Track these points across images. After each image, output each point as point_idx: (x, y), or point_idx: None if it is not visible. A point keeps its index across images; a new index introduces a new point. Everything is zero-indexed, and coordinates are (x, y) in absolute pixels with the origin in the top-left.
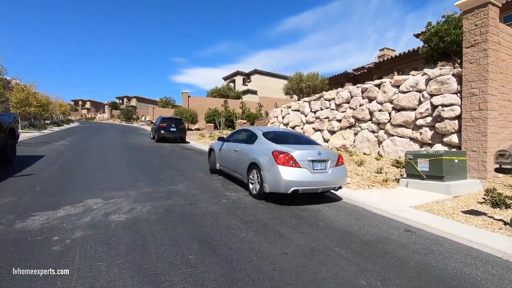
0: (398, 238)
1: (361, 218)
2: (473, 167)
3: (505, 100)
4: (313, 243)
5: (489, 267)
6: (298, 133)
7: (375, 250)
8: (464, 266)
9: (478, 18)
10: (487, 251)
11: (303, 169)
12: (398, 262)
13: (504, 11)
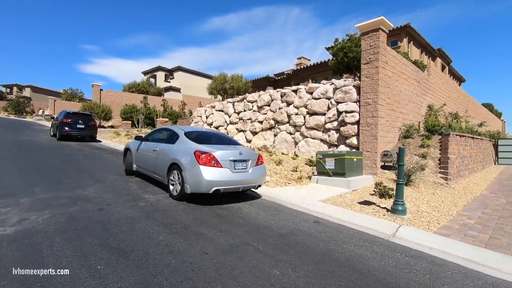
0: (308, 229)
1: (277, 214)
2: (368, 164)
3: (390, 110)
4: (233, 240)
5: (375, 246)
6: (221, 133)
7: (288, 242)
8: (357, 248)
9: (372, 40)
10: (374, 234)
11: (224, 169)
12: (307, 250)
13: (390, 36)
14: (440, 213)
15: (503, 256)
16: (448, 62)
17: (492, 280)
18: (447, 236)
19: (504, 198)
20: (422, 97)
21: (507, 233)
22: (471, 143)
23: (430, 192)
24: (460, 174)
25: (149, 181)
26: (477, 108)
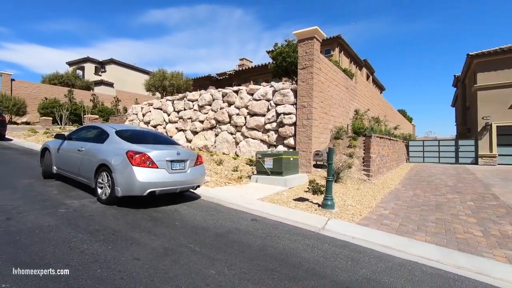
0: (245, 227)
1: (216, 214)
2: (303, 163)
3: (323, 113)
4: (168, 244)
5: (307, 240)
6: (158, 132)
7: (226, 241)
8: (290, 242)
9: (308, 47)
10: (307, 228)
11: (160, 170)
12: (243, 248)
13: (324, 45)
14: (363, 206)
15: (409, 240)
16: (372, 72)
17: (399, 261)
18: (367, 226)
19: (412, 191)
20: (350, 102)
21: (413, 220)
22: (389, 144)
23: (355, 188)
24: (379, 171)
25: (73, 185)
26: (394, 113)
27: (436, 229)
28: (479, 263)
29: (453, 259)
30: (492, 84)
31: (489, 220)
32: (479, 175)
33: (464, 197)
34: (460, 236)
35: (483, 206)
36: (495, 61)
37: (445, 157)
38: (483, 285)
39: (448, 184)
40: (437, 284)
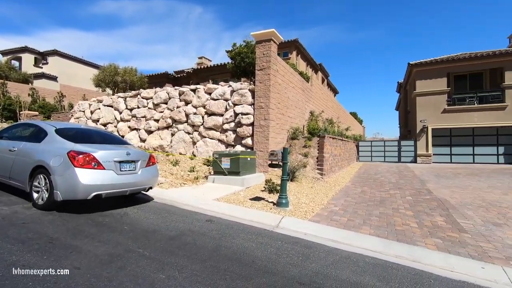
0: (199, 229)
1: (169, 216)
2: (260, 163)
3: (280, 114)
4: (114, 250)
5: (260, 238)
6: (106, 131)
7: (178, 244)
8: (245, 241)
9: (265, 49)
10: (261, 226)
11: (108, 171)
12: (196, 250)
13: (283, 48)
14: (315, 203)
15: (355, 234)
16: (327, 76)
17: (346, 254)
18: (318, 222)
19: (360, 188)
20: (306, 104)
21: (359, 215)
22: (341, 144)
23: (309, 186)
24: (332, 170)
25: (4, 190)
26: (346, 115)
27: (379, 223)
28: (414, 251)
29: (393, 249)
30: (428, 91)
31: (423, 212)
32: (417, 172)
33: (404, 193)
34: (399, 228)
35: (419, 200)
36: (431, 70)
37: (389, 156)
38: (416, 271)
39: (391, 181)
40: (377, 273)
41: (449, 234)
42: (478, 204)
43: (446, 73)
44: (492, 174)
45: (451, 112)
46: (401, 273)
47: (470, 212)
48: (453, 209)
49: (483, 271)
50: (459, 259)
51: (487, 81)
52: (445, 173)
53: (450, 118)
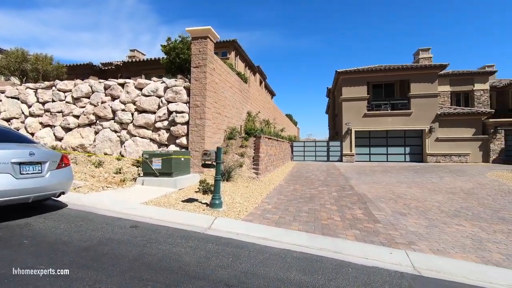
0: (121, 236)
1: (85, 224)
2: (195, 163)
3: (217, 113)
4: (5, 270)
5: (190, 242)
6: (4, 127)
7: (93, 255)
8: (173, 247)
9: (201, 46)
10: (193, 229)
11: (3, 175)
12: (115, 260)
13: (221, 47)
14: (249, 203)
15: (285, 231)
16: (264, 78)
17: (275, 251)
18: (251, 221)
19: (292, 186)
20: (243, 105)
21: (290, 212)
22: (276, 144)
23: (245, 186)
24: (267, 169)
25: None
26: (282, 117)
27: (308, 218)
28: (336, 243)
29: (318, 243)
30: (352, 97)
31: (346, 206)
32: (342, 170)
33: (330, 189)
34: (324, 222)
35: (343, 195)
36: (354, 78)
37: (320, 156)
38: (337, 262)
39: (320, 179)
40: (303, 266)
41: (366, 225)
42: (389, 197)
43: (366, 81)
44: (400, 171)
45: (370, 116)
46: (324, 265)
47: (383, 204)
48: (370, 202)
49: (390, 256)
50: (373, 247)
51: (397, 91)
52: (364, 170)
53: (370, 122)
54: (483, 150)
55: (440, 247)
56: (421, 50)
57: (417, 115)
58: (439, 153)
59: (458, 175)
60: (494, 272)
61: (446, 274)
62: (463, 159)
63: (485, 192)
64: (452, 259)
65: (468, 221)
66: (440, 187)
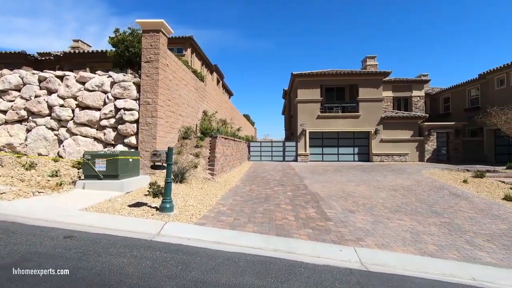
0: (51, 249)
1: (6, 237)
2: (146, 164)
3: (171, 111)
4: None
5: (135, 251)
6: None
7: (8, 276)
8: (114, 258)
9: (153, 40)
10: (139, 236)
11: None
12: (39, 279)
13: (177, 43)
14: (203, 205)
15: (239, 233)
16: (222, 77)
17: (229, 255)
18: (204, 224)
19: (248, 186)
20: (199, 104)
21: (245, 213)
22: (233, 144)
23: (199, 187)
24: (223, 170)
25: None
26: (240, 117)
27: (263, 219)
28: (290, 243)
29: (272, 244)
30: (307, 99)
31: (300, 206)
32: (297, 170)
33: (285, 189)
34: (279, 222)
35: (297, 194)
36: (309, 81)
37: (276, 156)
38: (290, 263)
39: (276, 179)
40: (257, 270)
41: (318, 223)
42: (340, 195)
43: (320, 84)
44: (350, 170)
45: (323, 118)
46: (277, 267)
47: (334, 202)
48: (322, 201)
49: (340, 253)
50: (324, 246)
51: (347, 94)
52: (318, 170)
53: (323, 123)
54: (419, 150)
55: (384, 241)
56: (368, 57)
57: (364, 118)
58: (383, 153)
59: (398, 174)
60: (429, 262)
61: (389, 267)
62: (403, 159)
63: (421, 189)
64: (395, 252)
65: (408, 216)
66: (384, 185)
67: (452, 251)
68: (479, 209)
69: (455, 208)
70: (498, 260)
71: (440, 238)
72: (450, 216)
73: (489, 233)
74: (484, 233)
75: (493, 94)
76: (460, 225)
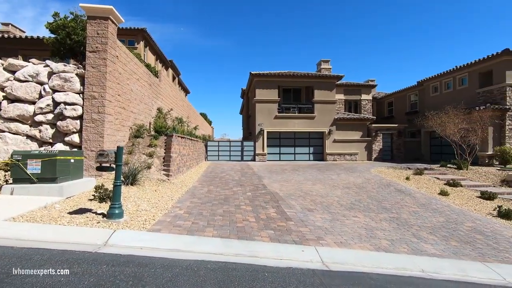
0: None
1: None
2: (91, 165)
3: (121, 108)
4: None
5: (76, 266)
6: None
7: None
8: (46, 278)
9: (100, 28)
10: (82, 249)
11: None
12: None
13: (128, 35)
14: (158, 209)
15: (198, 238)
16: (178, 74)
17: (187, 264)
18: (159, 231)
19: (206, 187)
20: (153, 100)
21: (204, 216)
22: (190, 143)
23: (153, 189)
24: (180, 170)
25: None
26: (196, 115)
27: (223, 222)
28: (251, 246)
29: (234, 248)
30: (265, 99)
31: (260, 206)
32: (256, 169)
33: (245, 189)
34: (240, 224)
35: (257, 195)
36: (267, 81)
37: (234, 155)
38: (253, 268)
39: (234, 179)
40: (218, 278)
41: (279, 224)
42: (298, 194)
43: (278, 85)
44: (306, 169)
45: (281, 118)
46: (240, 273)
47: (293, 201)
48: (282, 201)
49: (302, 254)
50: (286, 247)
51: (304, 96)
52: (276, 169)
53: (280, 123)
54: (367, 150)
55: (343, 239)
56: (323, 61)
57: (319, 119)
58: (336, 153)
59: (350, 172)
60: (383, 257)
61: (349, 265)
62: (354, 158)
63: (371, 186)
64: (353, 250)
65: (361, 212)
66: (338, 183)
67: (402, 245)
68: (420, 204)
69: (401, 203)
70: (441, 251)
71: (391, 233)
72: (397, 211)
73: (431, 226)
74: (427, 226)
75: (429, 99)
76: (407, 220)
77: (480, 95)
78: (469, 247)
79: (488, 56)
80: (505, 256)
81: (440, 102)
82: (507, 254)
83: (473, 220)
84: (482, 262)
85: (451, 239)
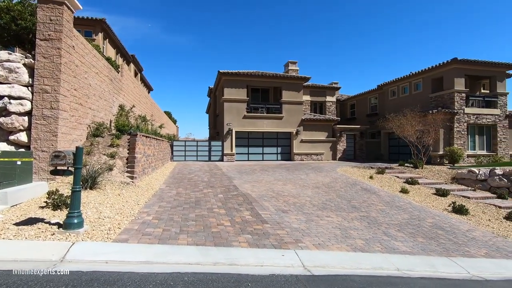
0: None
1: None
2: (42, 168)
3: (77, 104)
4: None
5: None
6: None
7: None
8: None
9: (54, 14)
10: (33, 267)
11: None
12: None
13: (85, 25)
14: (123, 216)
15: (171, 247)
16: (140, 70)
17: (161, 278)
18: (126, 241)
19: (175, 190)
20: (114, 96)
21: (176, 222)
22: (155, 143)
23: (116, 194)
24: (144, 172)
25: None
26: (161, 114)
27: (196, 228)
28: (230, 253)
29: (211, 257)
30: (234, 98)
31: (234, 209)
32: (225, 170)
33: (216, 191)
34: (215, 229)
35: (229, 196)
36: (236, 80)
37: (201, 155)
38: (234, 278)
39: (204, 180)
40: None
41: (256, 227)
42: (270, 195)
43: (246, 85)
44: (275, 169)
45: (249, 118)
46: (221, 285)
47: (266, 203)
48: (255, 202)
49: (283, 259)
50: (266, 252)
51: (272, 96)
52: (245, 169)
53: (249, 123)
54: (332, 150)
55: (320, 241)
56: (291, 62)
57: (287, 119)
58: (303, 153)
59: (318, 172)
60: (361, 258)
61: (330, 268)
62: (320, 157)
63: (339, 185)
64: (331, 251)
65: (334, 212)
66: (307, 183)
67: (376, 244)
68: (385, 202)
69: (368, 202)
70: (410, 248)
71: (363, 231)
72: (366, 210)
73: (398, 223)
74: (394, 223)
75: (388, 102)
76: (376, 218)
77: (433, 99)
78: (434, 243)
79: (439, 64)
80: (465, 250)
81: (398, 105)
82: (466, 248)
83: (433, 216)
84: (447, 257)
85: (417, 235)
